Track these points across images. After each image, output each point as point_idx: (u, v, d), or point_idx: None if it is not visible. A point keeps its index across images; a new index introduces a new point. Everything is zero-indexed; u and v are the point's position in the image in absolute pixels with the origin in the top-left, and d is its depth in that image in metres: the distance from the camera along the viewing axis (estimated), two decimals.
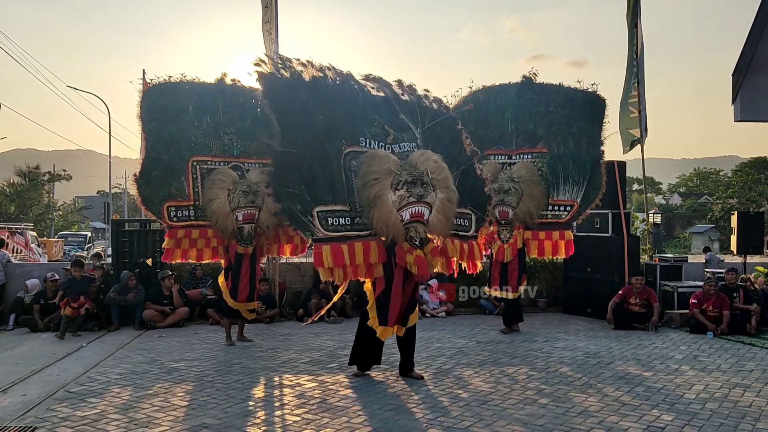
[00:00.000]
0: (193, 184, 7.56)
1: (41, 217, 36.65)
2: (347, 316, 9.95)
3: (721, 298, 8.63)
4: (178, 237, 7.53)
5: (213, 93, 7.77)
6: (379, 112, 6.10)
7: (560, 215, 8.57)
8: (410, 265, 5.70)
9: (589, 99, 8.71)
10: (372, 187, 5.69)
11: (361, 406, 5.09)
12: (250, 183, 7.67)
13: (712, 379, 6.03)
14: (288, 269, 10.91)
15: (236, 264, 7.65)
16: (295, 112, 5.67)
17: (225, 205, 7.52)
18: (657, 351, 7.36)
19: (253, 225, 7.64)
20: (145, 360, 6.93)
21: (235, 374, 6.25)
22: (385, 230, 5.67)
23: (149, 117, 7.51)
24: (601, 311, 9.30)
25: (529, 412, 4.92)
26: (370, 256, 5.65)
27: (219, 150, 7.77)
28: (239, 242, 7.62)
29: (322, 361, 6.82)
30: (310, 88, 5.72)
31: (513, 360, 6.87)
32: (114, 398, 5.35)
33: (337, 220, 5.64)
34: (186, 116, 7.57)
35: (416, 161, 5.87)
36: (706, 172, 66.90)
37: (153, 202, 7.42)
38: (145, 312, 9.01)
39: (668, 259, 10.63)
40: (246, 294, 7.74)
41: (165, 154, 7.47)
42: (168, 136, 7.50)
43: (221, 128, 7.79)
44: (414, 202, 5.71)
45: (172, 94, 7.58)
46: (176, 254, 7.66)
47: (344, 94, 5.93)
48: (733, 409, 5.04)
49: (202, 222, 7.61)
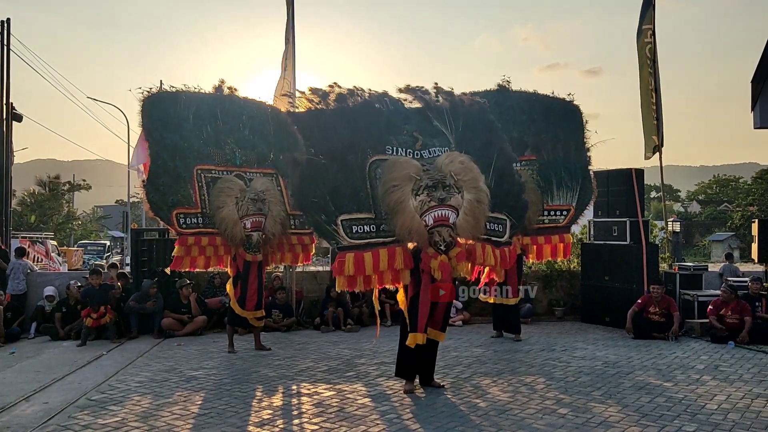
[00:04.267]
0: (199, 192, 7.60)
1: (61, 227, 37.16)
2: (363, 324, 9.95)
3: (742, 305, 8.53)
4: (188, 244, 7.54)
5: (211, 102, 7.88)
6: (409, 121, 6.11)
7: (558, 219, 8.77)
8: (434, 270, 5.64)
9: (568, 108, 8.99)
10: (392, 194, 5.65)
11: (378, 415, 5.08)
12: (257, 191, 7.75)
13: (734, 389, 5.94)
14: (305, 278, 10.95)
15: (245, 272, 7.72)
16: (319, 127, 5.78)
17: (234, 213, 7.58)
18: (678, 361, 7.27)
19: (260, 233, 7.71)
20: (164, 368, 6.99)
21: (253, 383, 6.27)
22: (408, 236, 5.64)
23: (151, 126, 7.53)
24: (619, 320, 9.21)
25: (549, 422, 4.88)
26: (396, 262, 5.62)
27: (222, 159, 7.85)
28: (247, 250, 7.69)
29: (339, 370, 6.82)
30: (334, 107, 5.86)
31: (531, 369, 6.82)
32: (134, 406, 5.40)
33: (362, 227, 5.63)
34: (187, 125, 7.65)
35: (441, 164, 5.84)
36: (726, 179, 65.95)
37: (162, 208, 7.42)
38: (164, 320, 9.09)
39: (688, 268, 10.50)
40: (254, 302, 7.81)
41: (170, 161, 7.50)
42: (171, 144, 7.54)
43: (222, 138, 7.89)
44: (436, 206, 5.66)
45: (172, 104, 7.66)
46: (185, 262, 7.63)
47: (369, 108, 5.97)
48: (755, 419, 4.95)
49: (211, 230, 7.62)
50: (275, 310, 9.71)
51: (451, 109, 6.26)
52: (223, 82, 8.02)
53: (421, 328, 5.74)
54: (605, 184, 10.13)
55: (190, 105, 7.71)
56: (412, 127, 6.09)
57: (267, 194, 7.83)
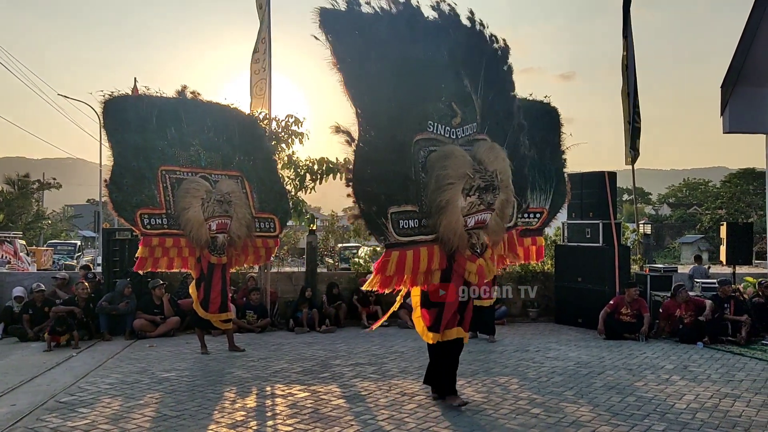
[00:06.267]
0: (164, 193, 7.50)
1: (30, 226, 36.38)
2: (340, 325, 9.93)
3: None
4: (152, 245, 7.43)
5: (174, 105, 7.82)
6: (446, 79, 5.36)
7: (531, 222, 8.81)
8: (470, 274, 5.31)
9: (546, 110, 9.03)
10: (445, 192, 5.10)
11: (353, 416, 5.08)
12: (223, 193, 7.72)
13: (703, 388, 6.06)
14: (280, 279, 10.90)
15: (209, 274, 7.69)
16: (365, 72, 4.90)
17: (199, 214, 7.52)
18: (648, 361, 7.40)
19: (225, 235, 7.69)
20: (135, 370, 6.88)
21: (226, 384, 6.22)
22: (452, 239, 5.16)
23: (113, 127, 7.44)
24: (592, 321, 9.34)
25: (522, 422, 4.93)
26: (434, 263, 5.17)
27: (186, 160, 7.78)
28: (212, 252, 7.64)
29: (314, 371, 6.80)
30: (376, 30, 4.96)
31: (505, 370, 6.88)
32: (104, 408, 5.31)
33: (407, 222, 5.05)
34: (150, 126, 7.56)
35: (485, 158, 5.32)
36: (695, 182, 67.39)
37: (125, 209, 7.31)
38: (136, 321, 8.96)
39: (658, 269, 10.70)
40: (218, 305, 7.76)
41: (133, 161, 7.40)
42: (134, 144, 7.44)
43: (186, 139, 7.82)
44: (482, 210, 5.29)
45: (133, 106, 7.58)
46: (149, 263, 7.51)
47: (427, 34, 5.16)
48: (723, 419, 5.06)
49: (176, 231, 7.53)
50: (249, 311, 9.65)
51: (479, 47, 5.47)
52: (185, 88, 7.98)
53: (443, 328, 5.34)
54: (579, 186, 10.27)
55: (152, 107, 7.63)
56: (449, 92, 5.35)
57: (233, 196, 7.81)
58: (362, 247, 13.62)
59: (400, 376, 6.55)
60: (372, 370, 6.82)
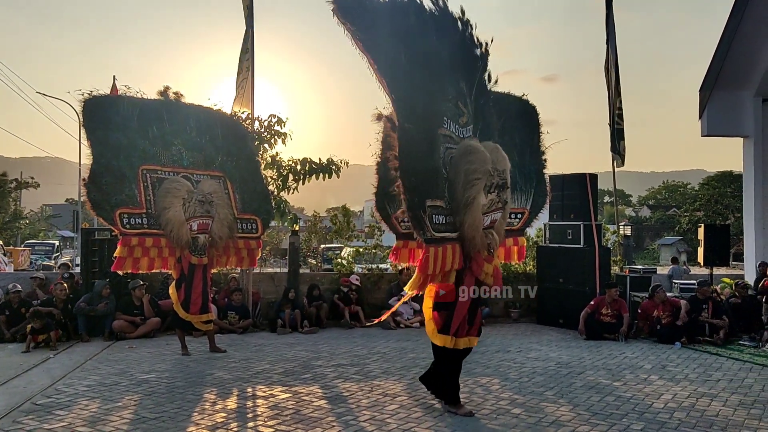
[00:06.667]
0: (144, 193, 7.41)
1: (8, 226, 35.80)
2: (322, 326, 9.90)
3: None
4: (131, 245, 7.32)
5: (156, 105, 7.75)
6: (451, 77, 5.25)
7: (512, 222, 8.80)
8: (486, 275, 5.19)
9: (524, 109, 8.96)
10: (473, 188, 4.97)
11: (335, 417, 5.06)
12: (205, 193, 7.66)
13: (680, 388, 6.15)
14: (262, 279, 10.85)
15: (189, 275, 7.62)
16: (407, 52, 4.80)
17: (180, 215, 7.44)
18: (627, 361, 7.48)
19: (207, 235, 7.63)
20: (114, 371, 6.80)
21: (207, 385, 6.17)
22: (476, 236, 5.01)
23: (93, 125, 7.32)
24: (573, 321, 9.42)
25: (503, 422, 4.95)
26: (456, 262, 5.01)
27: (168, 160, 7.70)
28: (193, 252, 7.57)
29: (296, 372, 6.77)
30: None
31: (486, 370, 6.91)
32: (82, 411, 5.24)
33: (438, 218, 4.89)
34: (131, 125, 7.46)
35: (493, 158, 5.15)
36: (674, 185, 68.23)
37: (104, 208, 7.19)
38: (115, 322, 8.84)
39: (638, 271, 10.82)
40: (198, 306, 7.70)
41: (114, 160, 7.29)
42: (115, 143, 7.34)
43: (168, 138, 7.74)
44: (499, 209, 5.15)
45: (114, 105, 7.49)
46: (128, 263, 7.39)
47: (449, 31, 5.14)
48: (700, 418, 5.13)
49: (156, 231, 7.43)
50: (231, 311, 9.58)
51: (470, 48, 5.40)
52: (168, 89, 7.90)
53: (453, 331, 5.18)
54: (560, 188, 10.35)
55: (133, 106, 7.54)
56: (454, 89, 5.26)
57: (214, 197, 7.74)
58: (345, 248, 13.60)
59: (383, 377, 6.55)
60: (354, 371, 6.81)
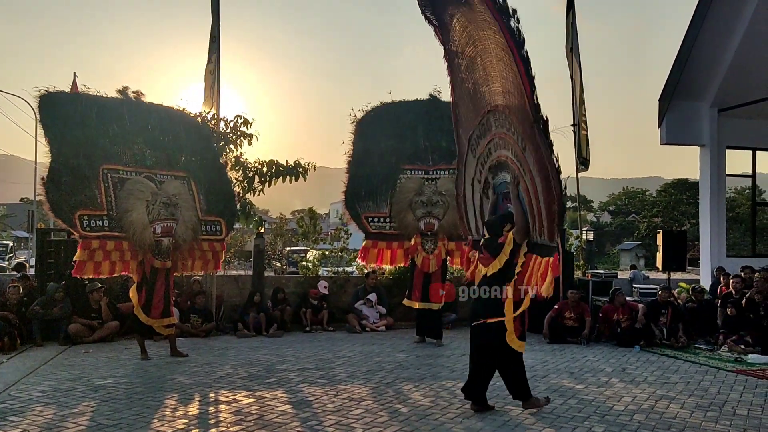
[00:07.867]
0: (105, 193, 7.18)
1: None
2: (286, 330, 9.79)
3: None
4: (92, 248, 7.08)
5: (116, 103, 7.57)
6: None
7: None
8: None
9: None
10: None
11: (299, 422, 5.00)
12: (170, 195, 7.50)
13: (640, 390, 6.27)
14: (225, 282, 10.67)
15: (151, 278, 7.45)
16: None
17: (144, 217, 7.27)
18: (589, 364, 7.60)
19: (170, 238, 7.47)
20: (70, 377, 6.58)
21: (167, 391, 6.02)
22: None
23: (50, 122, 7.10)
24: (536, 325, 9.51)
25: (468, 426, 4.97)
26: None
27: (130, 159, 7.50)
28: (156, 256, 7.40)
29: (259, 376, 6.67)
30: None
31: (452, 374, 6.93)
32: (36, 417, 5.05)
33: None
34: (90, 122, 7.25)
35: None
36: (634, 191, 69.86)
37: (63, 209, 6.95)
38: (71, 326, 8.57)
39: (599, 275, 11.02)
40: (160, 309, 7.54)
41: (73, 158, 7.06)
42: (74, 140, 7.12)
43: (130, 137, 7.55)
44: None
45: (72, 102, 7.29)
46: (88, 267, 7.14)
47: None
48: (659, 420, 5.24)
49: (117, 233, 7.21)
50: (194, 314, 9.40)
51: None
52: (127, 88, 7.71)
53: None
54: None
55: (92, 103, 7.34)
56: None
57: (179, 198, 7.58)
58: (311, 251, 13.49)
59: (348, 381, 6.51)
60: (319, 375, 6.75)
